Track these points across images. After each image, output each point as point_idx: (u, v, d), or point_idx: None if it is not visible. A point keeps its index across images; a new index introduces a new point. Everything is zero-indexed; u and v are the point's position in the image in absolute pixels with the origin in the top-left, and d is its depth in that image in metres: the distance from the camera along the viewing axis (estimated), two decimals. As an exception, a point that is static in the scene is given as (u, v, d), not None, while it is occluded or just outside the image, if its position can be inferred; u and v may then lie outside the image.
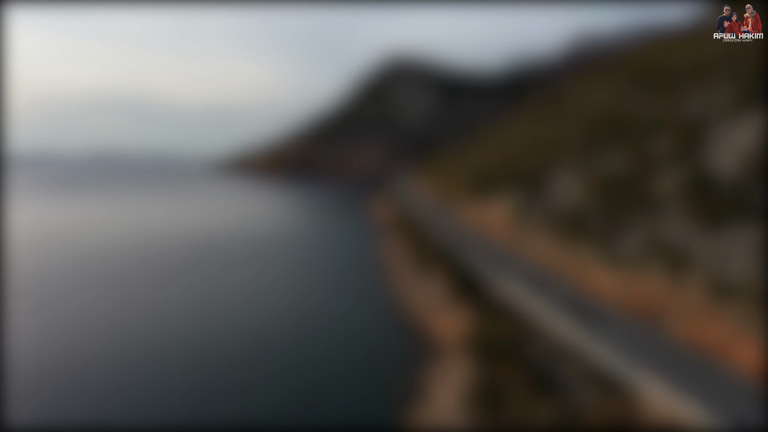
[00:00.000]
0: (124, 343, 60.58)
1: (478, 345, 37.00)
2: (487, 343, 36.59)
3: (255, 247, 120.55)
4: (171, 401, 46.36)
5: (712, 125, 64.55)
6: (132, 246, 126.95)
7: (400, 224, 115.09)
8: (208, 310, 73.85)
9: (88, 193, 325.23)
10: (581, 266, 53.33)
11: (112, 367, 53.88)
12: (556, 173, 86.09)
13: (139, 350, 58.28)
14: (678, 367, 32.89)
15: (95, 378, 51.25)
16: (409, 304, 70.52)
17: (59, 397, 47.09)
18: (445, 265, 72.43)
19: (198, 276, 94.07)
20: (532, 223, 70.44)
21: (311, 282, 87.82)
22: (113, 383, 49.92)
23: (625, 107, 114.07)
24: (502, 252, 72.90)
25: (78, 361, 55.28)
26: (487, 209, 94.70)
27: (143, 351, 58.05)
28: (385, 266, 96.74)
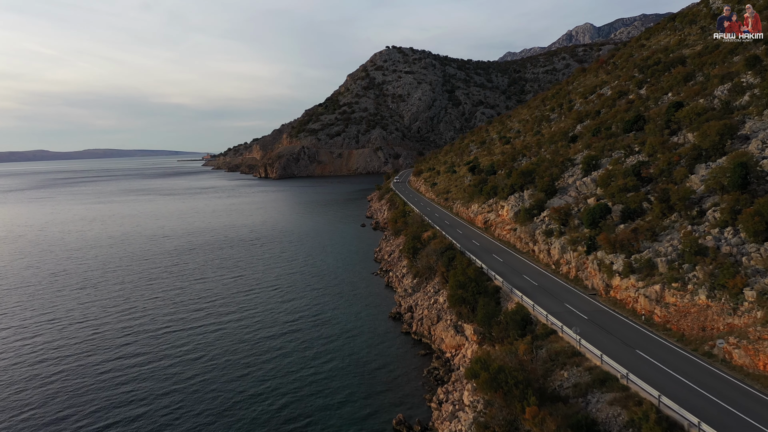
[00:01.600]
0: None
1: (490, 377, 30.86)
2: (499, 376, 30.43)
3: (251, 248, 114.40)
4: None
5: (750, 113, 58.37)
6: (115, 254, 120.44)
7: (400, 224, 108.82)
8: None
9: (85, 192, 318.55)
10: (604, 276, 47.18)
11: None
12: (568, 170, 79.88)
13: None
14: None
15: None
16: (414, 314, 64.42)
17: None
18: (450, 268, 66.27)
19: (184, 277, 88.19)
20: (545, 226, 64.23)
21: (311, 286, 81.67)
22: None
23: (638, 98, 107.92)
24: (512, 257, 66.73)
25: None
26: (493, 209, 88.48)
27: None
28: (386, 268, 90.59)
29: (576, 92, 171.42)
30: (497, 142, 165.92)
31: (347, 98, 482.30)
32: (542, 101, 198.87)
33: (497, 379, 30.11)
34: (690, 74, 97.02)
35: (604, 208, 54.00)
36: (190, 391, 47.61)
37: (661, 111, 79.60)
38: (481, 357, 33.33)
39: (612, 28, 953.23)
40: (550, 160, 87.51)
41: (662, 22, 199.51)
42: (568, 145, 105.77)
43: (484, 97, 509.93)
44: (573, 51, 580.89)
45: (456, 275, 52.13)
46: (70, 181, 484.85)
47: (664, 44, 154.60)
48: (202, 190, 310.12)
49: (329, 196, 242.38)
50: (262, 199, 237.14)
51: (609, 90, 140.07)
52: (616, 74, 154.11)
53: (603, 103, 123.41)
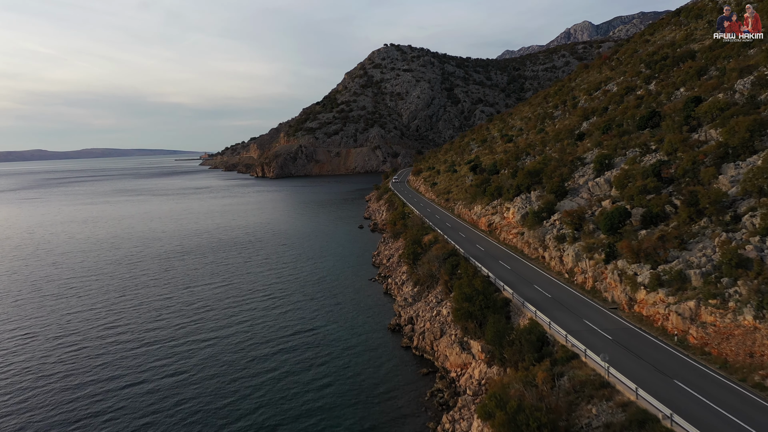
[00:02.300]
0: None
1: (507, 418, 26.09)
2: (519, 417, 25.64)
3: (245, 252, 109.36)
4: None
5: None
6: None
7: (399, 227, 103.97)
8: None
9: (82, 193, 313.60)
10: (627, 289, 42.39)
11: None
12: (578, 170, 75.08)
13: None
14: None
15: None
16: (415, 326, 59.61)
17: None
18: (453, 276, 61.49)
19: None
20: (556, 230, 59.44)
21: (306, 295, 76.75)
22: None
23: (647, 93, 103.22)
24: (521, 264, 61.94)
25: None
26: (497, 211, 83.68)
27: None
28: (385, 273, 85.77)
29: (579, 89, 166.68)
30: (499, 140, 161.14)
31: (345, 96, 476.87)
32: (544, 98, 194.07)
33: (516, 420, 25.34)
34: (703, 68, 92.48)
35: (623, 212, 49.20)
36: (169, 422, 42.67)
37: (677, 107, 74.85)
38: (495, 393, 28.48)
39: (611, 26, 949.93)
40: (558, 159, 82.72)
41: (666, 18, 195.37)
42: (574, 143, 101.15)
43: (483, 95, 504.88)
44: (573, 48, 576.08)
45: (461, 287, 47.29)
46: (64, 181, 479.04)
47: (669, 39, 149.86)
48: (196, 190, 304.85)
49: (326, 196, 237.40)
50: (257, 200, 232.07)
51: (615, 86, 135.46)
52: (621, 70, 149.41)
53: (610, 100, 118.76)
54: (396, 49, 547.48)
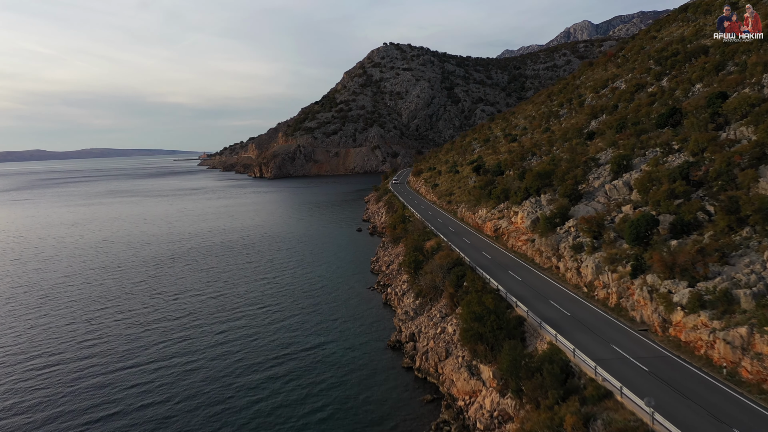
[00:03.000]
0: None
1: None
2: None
3: (238, 257, 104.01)
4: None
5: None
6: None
7: (400, 231, 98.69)
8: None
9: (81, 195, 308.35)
10: (660, 309, 37.16)
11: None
12: (592, 171, 69.80)
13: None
14: None
15: None
16: (417, 344, 54.36)
17: None
18: (458, 288, 56.26)
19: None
20: (572, 239, 54.18)
21: (301, 306, 71.39)
22: None
23: (659, 90, 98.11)
24: (532, 275, 56.69)
25: None
26: (504, 215, 78.42)
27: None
28: (385, 282, 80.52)
29: (585, 86, 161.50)
30: (502, 139, 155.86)
31: (344, 96, 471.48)
32: (548, 97, 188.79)
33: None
34: (720, 64, 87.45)
35: (650, 219, 43.93)
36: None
37: (698, 103, 69.62)
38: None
39: (610, 26, 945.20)
40: (569, 159, 77.42)
41: (672, 14, 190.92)
42: (584, 142, 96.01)
43: (483, 94, 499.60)
44: (574, 47, 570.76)
45: (470, 304, 42.02)
46: (60, 181, 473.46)
47: (677, 35, 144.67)
48: (192, 191, 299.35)
49: (324, 197, 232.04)
50: (254, 201, 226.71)
51: (623, 83, 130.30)
52: (629, 67, 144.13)
53: (619, 97, 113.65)
54: (395, 48, 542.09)
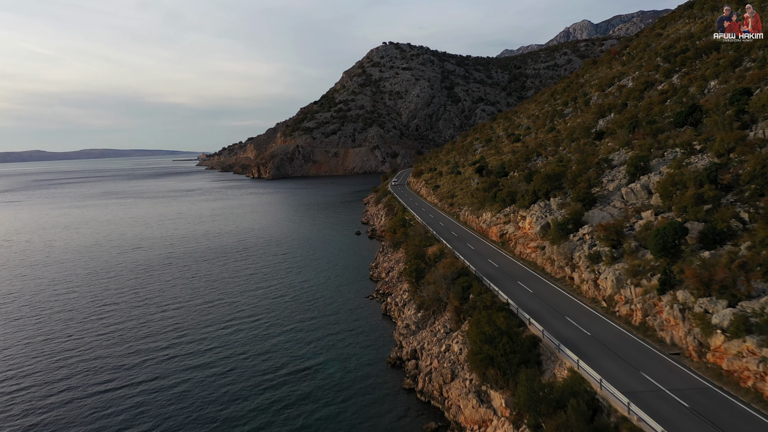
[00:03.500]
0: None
1: None
2: None
3: (232, 263, 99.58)
4: None
5: None
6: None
7: (400, 236, 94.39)
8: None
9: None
10: (696, 332, 32.87)
11: None
12: (605, 173, 65.47)
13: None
14: None
15: None
16: (419, 362, 50.02)
17: None
18: (464, 301, 51.95)
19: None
20: (588, 247, 49.85)
21: (296, 318, 66.98)
22: None
23: (671, 87, 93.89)
24: (544, 287, 52.35)
25: None
26: (510, 220, 74.09)
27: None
28: (384, 290, 76.20)
29: (590, 85, 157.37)
30: (505, 139, 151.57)
31: (343, 96, 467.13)
32: (551, 95, 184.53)
33: None
34: (737, 59, 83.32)
35: (678, 227, 39.60)
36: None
37: (719, 100, 65.37)
38: None
39: (610, 25, 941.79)
40: (579, 160, 73.06)
41: (678, 11, 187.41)
42: (592, 142, 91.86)
43: (484, 93, 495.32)
44: (575, 46, 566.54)
45: (479, 324, 37.68)
46: (56, 182, 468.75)
47: (685, 32, 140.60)
48: (187, 192, 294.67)
49: (323, 198, 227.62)
50: (251, 203, 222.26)
51: (630, 81, 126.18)
52: (636, 65, 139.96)
53: (628, 95, 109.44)
54: (395, 48, 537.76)
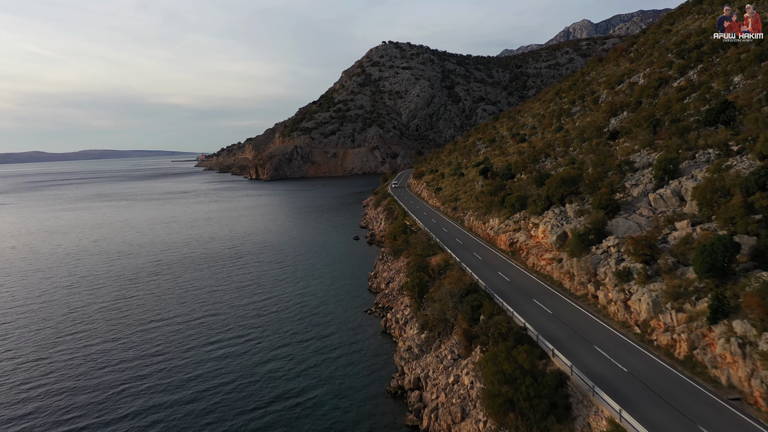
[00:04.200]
0: None
1: None
2: None
3: (224, 272, 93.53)
4: None
5: None
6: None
7: (401, 243, 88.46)
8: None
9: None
10: (764, 375, 27.03)
11: None
12: (626, 177, 59.52)
13: None
14: None
15: None
16: (423, 394, 44.06)
17: None
18: (473, 322, 46.06)
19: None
20: (615, 263, 43.91)
21: (289, 336, 60.90)
22: None
23: (689, 83, 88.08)
24: (564, 305, 46.41)
25: None
26: (521, 227, 68.16)
27: None
28: (384, 303, 70.25)
29: (597, 83, 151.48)
30: (510, 139, 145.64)
31: (342, 95, 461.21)
32: (557, 94, 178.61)
33: None
34: (763, 53, 77.74)
35: (729, 243, 33.69)
36: None
37: (751, 97, 59.53)
38: None
39: (610, 25, 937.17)
40: (596, 162, 67.10)
41: (685, 7, 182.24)
42: (606, 142, 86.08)
43: (485, 93, 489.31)
44: (576, 45, 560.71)
45: (497, 360, 31.72)
46: (52, 183, 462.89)
47: (695, 28, 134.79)
48: (182, 194, 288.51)
49: (320, 200, 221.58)
50: (247, 205, 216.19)
51: (641, 78, 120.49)
52: (646, 61, 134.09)
53: (641, 93, 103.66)
54: (395, 47, 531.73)
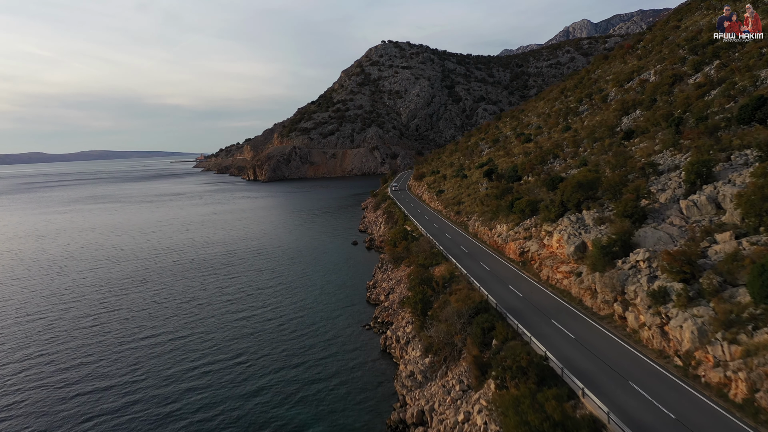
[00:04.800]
0: None
1: None
2: None
3: (215, 281, 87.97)
4: None
5: None
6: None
7: (401, 250, 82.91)
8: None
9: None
10: None
11: None
12: (650, 181, 53.98)
13: None
14: None
15: None
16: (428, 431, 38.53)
17: None
18: (484, 347, 40.62)
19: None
20: (647, 281, 38.43)
21: (282, 356, 55.31)
22: None
23: (707, 79, 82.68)
24: (588, 328, 40.90)
25: None
26: (532, 234, 62.66)
27: None
28: (383, 318, 64.71)
29: (605, 80, 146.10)
30: (514, 139, 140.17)
31: (341, 95, 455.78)
32: (561, 92, 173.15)
33: None
34: (791, 46, 72.17)
35: (793, 263, 28.20)
36: None
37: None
38: None
39: (609, 25, 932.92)
40: (614, 164, 61.58)
41: (693, 3, 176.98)
42: (620, 142, 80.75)
43: (485, 92, 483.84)
44: (578, 44, 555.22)
45: (520, 409, 26.13)
46: (47, 185, 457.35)
47: (706, 23, 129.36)
48: (177, 196, 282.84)
49: (319, 202, 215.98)
50: (242, 207, 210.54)
51: (652, 75, 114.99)
52: (658, 57, 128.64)
53: (654, 90, 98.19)
54: (394, 46, 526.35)
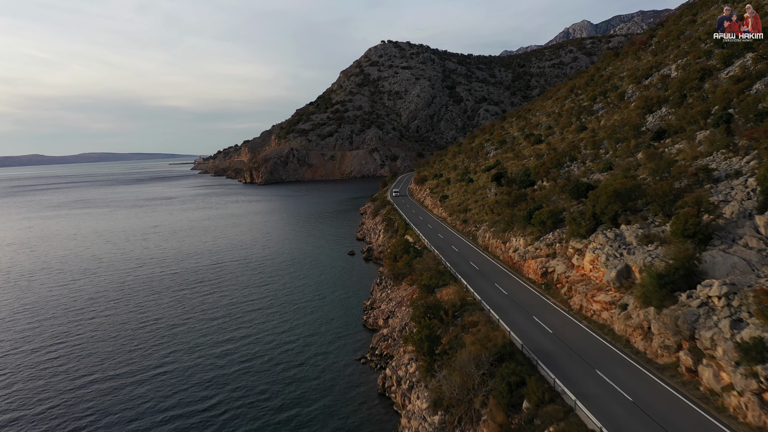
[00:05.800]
0: None
1: None
2: None
3: (199, 296, 78.61)
4: None
5: None
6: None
7: (402, 266, 73.44)
8: None
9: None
10: None
11: None
12: (711, 192, 44.62)
13: None
14: None
15: None
16: None
17: None
18: (511, 411, 31.36)
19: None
20: (730, 327, 29.24)
21: (270, 399, 45.87)
22: None
23: (744, 72, 73.54)
24: (646, 383, 31.60)
25: None
26: (556, 252, 53.30)
27: None
28: (382, 350, 55.36)
29: (619, 77, 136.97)
30: (523, 141, 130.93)
31: (340, 96, 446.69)
32: (571, 91, 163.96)
33: None
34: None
35: None
36: None
37: None
38: None
39: (610, 25, 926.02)
40: (655, 169, 52.22)
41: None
42: (648, 143, 71.62)
43: (487, 93, 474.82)
44: (580, 43, 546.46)
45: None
46: (40, 188, 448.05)
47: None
48: (169, 200, 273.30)
49: (316, 206, 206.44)
50: (236, 212, 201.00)
51: (674, 70, 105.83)
52: (676, 52, 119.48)
53: (681, 85, 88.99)
54: (394, 46, 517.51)
